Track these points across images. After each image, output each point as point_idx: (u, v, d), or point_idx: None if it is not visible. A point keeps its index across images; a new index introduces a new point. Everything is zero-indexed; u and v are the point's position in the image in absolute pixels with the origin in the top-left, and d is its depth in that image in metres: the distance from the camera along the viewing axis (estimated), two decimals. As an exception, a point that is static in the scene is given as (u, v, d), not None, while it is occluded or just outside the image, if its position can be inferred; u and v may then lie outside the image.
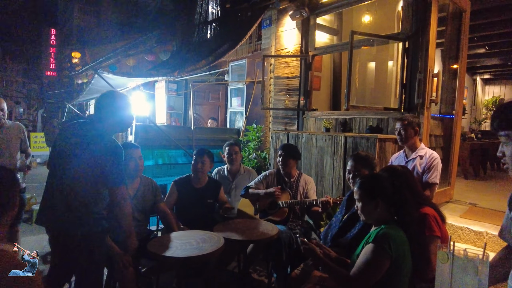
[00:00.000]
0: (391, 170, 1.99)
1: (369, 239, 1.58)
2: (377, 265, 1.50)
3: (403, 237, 1.58)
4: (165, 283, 2.85)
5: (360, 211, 1.70)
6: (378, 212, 1.64)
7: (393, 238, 1.52)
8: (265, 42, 5.28)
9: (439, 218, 1.84)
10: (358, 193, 1.70)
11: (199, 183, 3.04)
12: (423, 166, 2.73)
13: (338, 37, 5.43)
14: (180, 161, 4.60)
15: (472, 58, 8.79)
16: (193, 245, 2.17)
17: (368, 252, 1.52)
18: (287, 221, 2.95)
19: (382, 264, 1.49)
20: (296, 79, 4.78)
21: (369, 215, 1.67)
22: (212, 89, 8.40)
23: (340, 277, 1.60)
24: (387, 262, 1.49)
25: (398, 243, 1.52)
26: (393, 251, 1.48)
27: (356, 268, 1.54)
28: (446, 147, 4.15)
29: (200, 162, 2.98)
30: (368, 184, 1.69)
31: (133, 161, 2.56)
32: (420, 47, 3.44)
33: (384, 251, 1.48)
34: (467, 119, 11.12)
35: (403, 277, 1.55)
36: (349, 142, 3.37)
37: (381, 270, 1.49)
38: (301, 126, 4.67)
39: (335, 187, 3.48)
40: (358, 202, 1.71)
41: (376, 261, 1.50)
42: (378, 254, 1.50)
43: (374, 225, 1.69)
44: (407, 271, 1.57)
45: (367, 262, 1.51)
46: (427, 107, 3.39)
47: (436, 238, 1.74)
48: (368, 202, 1.65)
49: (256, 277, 3.20)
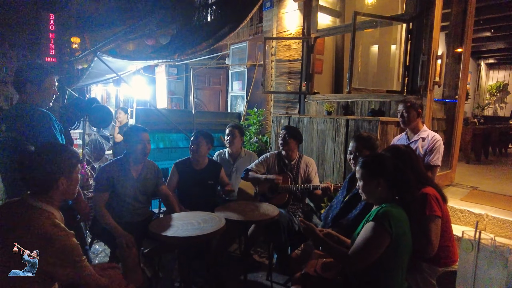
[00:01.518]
0: (394, 149, 1.98)
1: (370, 217, 1.58)
2: (376, 242, 1.50)
3: (403, 215, 1.58)
4: (167, 264, 2.89)
5: (361, 190, 1.70)
6: (380, 191, 1.64)
7: (393, 216, 1.52)
8: (267, 24, 5.19)
9: (440, 198, 1.84)
10: (360, 172, 1.69)
11: (198, 165, 3.04)
12: (425, 148, 2.72)
13: (341, 19, 5.32)
14: (181, 145, 4.60)
15: (477, 42, 8.65)
16: (194, 226, 2.18)
17: (368, 230, 1.53)
18: (287, 204, 2.96)
19: (382, 241, 1.50)
20: (298, 62, 4.71)
21: (370, 194, 1.67)
22: (213, 74, 8.33)
23: (339, 255, 1.62)
24: (387, 239, 1.49)
25: (398, 221, 1.52)
26: (393, 229, 1.48)
27: (356, 245, 1.55)
28: (448, 130, 4.13)
29: (195, 144, 2.98)
30: (370, 163, 1.68)
31: (141, 144, 2.56)
32: (424, 28, 3.38)
33: (384, 228, 1.49)
34: (470, 104, 11.02)
35: (403, 255, 1.56)
36: (350, 125, 3.35)
37: (380, 247, 1.50)
38: (303, 109, 4.64)
39: (336, 170, 3.48)
40: (359, 181, 1.70)
41: (375, 239, 1.50)
42: (377, 231, 1.50)
43: (375, 204, 1.68)
44: (408, 249, 1.57)
45: (367, 239, 1.52)
46: (430, 89, 3.35)
47: (436, 218, 1.75)
48: (370, 181, 1.65)
49: (258, 258, 3.24)
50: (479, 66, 11.52)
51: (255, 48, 6.41)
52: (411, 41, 3.48)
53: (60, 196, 1.46)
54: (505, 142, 7.40)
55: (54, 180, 1.41)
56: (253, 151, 4.33)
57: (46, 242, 1.25)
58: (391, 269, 1.54)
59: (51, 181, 1.40)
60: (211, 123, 4.99)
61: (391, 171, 1.64)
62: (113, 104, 10.17)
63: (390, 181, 1.63)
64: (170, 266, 2.88)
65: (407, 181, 1.67)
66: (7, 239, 1.23)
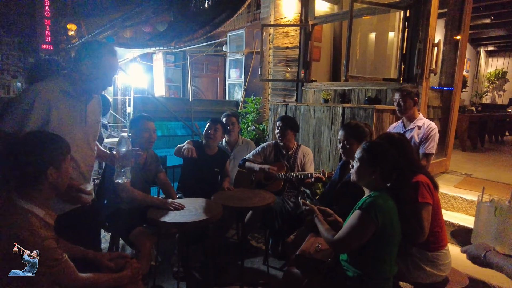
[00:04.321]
0: (388, 137, 1.99)
1: (357, 206, 1.63)
2: (360, 230, 1.55)
3: (391, 204, 1.62)
4: (166, 250, 2.96)
5: (355, 171, 1.71)
6: (372, 179, 1.66)
7: (380, 206, 1.56)
8: (264, 11, 5.15)
9: (432, 185, 1.88)
10: (360, 155, 1.69)
11: (210, 151, 3.09)
12: (420, 136, 2.75)
13: (338, 6, 5.29)
14: (179, 133, 4.62)
15: (476, 29, 8.58)
16: (192, 212, 2.23)
17: (354, 218, 1.58)
18: (282, 191, 3.01)
19: (366, 230, 1.55)
20: (295, 50, 4.70)
21: (362, 178, 1.69)
22: (210, 61, 8.29)
23: (326, 238, 1.68)
24: (372, 228, 1.54)
25: (385, 212, 1.57)
26: (379, 219, 1.53)
27: (341, 231, 1.61)
28: (444, 118, 4.16)
29: (214, 128, 3.02)
30: (373, 150, 1.68)
31: (147, 132, 2.59)
32: (421, 16, 3.37)
33: (369, 218, 1.53)
34: (468, 92, 11.01)
35: (391, 243, 1.60)
36: (347, 113, 3.38)
37: (364, 235, 1.55)
38: (300, 97, 4.65)
39: (332, 158, 3.53)
40: (356, 162, 1.71)
41: (359, 226, 1.55)
42: (362, 220, 1.55)
43: (364, 187, 1.72)
44: (396, 238, 1.62)
45: (352, 226, 1.57)
46: (426, 77, 3.36)
47: (428, 205, 1.79)
48: (367, 167, 1.66)
49: (254, 243, 3.32)
50: (478, 54, 11.46)
51: (253, 35, 6.37)
52: (408, 28, 3.47)
53: (50, 189, 1.39)
54: (501, 130, 7.44)
55: (43, 170, 1.33)
56: (250, 139, 4.36)
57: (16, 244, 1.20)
58: (379, 256, 1.59)
59: (39, 172, 1.33)
60: (208, 111, 4.99)
61: (390, 163, 1.65)
62: (110, 92, 10.12)
63: (385, 172, 1.65)
64: (169, 251, 2.95)
65: (401, 170, 1.69)
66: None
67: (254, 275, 2.76)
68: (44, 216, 1.35)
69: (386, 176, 1.66)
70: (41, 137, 1.40)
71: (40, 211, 1.34)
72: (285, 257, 2.91)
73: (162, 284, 2.54)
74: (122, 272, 1.53)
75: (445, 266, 1.82)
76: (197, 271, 2.78)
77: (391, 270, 1.65)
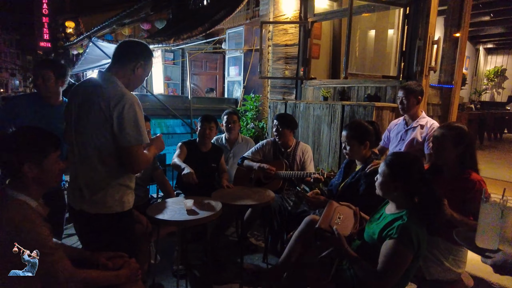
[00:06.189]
0: (458, 128, 1.86)
1: (392, 233, 1.50)
2: (400, 261, 1.46)
3: (422, 229, 1.53)
4: (166, 248, 2.96)
5: (378, 186, 1.66)
6: (396, 195, 1.59)
7: (414, 230, 1.47)
8: (263, 8, 5.13)
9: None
10: (382, 168, 1.64)
11: (204, 147, 3.12)
12: (423, 136, 2.69)
13: (338, 3, 5.27)
14: (178, 131, 4.62)
15: (475, 26, 8.56)
16: (191, 210, 2.22)
17: (390, 249, 1.47)
18: (282, 190, 3.01)
19: (406, 258, 1.46)
20: (294, 47, 4.69)
21: (386, 194, 1.63)
22: (209, 59, 8.26)
23: (366, 277, 1.54)
24: (410, 256, 1.46)
25: (419, 234, 1.48)
26: (414, 244, 1.45)
27: (380, 266, 1.48)
28: (444, 116, 4.16)
29: (209, 128, 3.04)
30: (395, 163, 1.60)
31: None
32: (421, 13, 3.36)
33: (405, 246, 1.44)
34: (467, 89, 11.00)
35: (419, 262, 1.56)
36: (346, 111, 3.37)
37: (404, 265, 1.46)
38: (300, 95, 4.64)
39: (331, 156, 3.52)
40: (380, 176, 1.65)
41: (398, 257, 1.45)
42: (400, 251, 1.45)
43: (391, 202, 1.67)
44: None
45: (389, 259, 1.46)
46: (425, 75, 3.36)
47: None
48: (388, 181, 1.59)
49: (254, 241, 3.32)
50: (478, 51, 11.45)
51: (252, 32, 6.34)
52: (408, 26, 3.46)
53: (36, 184, 1.37)
54: (500, 128, 7.46)
55: (18, 166, 1.31)
56: (249, 136, 4.36)
57: (12, 232, 1.22)
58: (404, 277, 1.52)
59: (16, 167, 1.32)
60: (207, 109, 4.99)
61: (414, 179, 1.55)
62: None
63: (409, 189, 1.56)
64: (169, 249, 2.94)
65: (432, 194, 1.58)
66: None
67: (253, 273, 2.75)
68: (36, 207, 1.36)
69: (411, 193, 1.57)
70: (24, 133, 1.41)
71: (33, 202, 1.35)
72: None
73: (162, 282, 2.54)
74: (120, 270, 1.52)
75: (462, 263, 1.81)
76: (197, 269, 2.78)
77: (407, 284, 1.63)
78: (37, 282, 1.27)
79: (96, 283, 1.41)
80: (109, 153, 1.60)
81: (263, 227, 3.18)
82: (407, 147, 2.71)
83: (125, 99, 1.55)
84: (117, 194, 1.68)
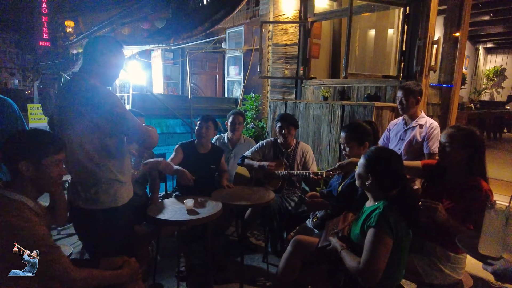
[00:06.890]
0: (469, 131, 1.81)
1: (370, 222, 1.54)
2: (380, 247, 1.48)
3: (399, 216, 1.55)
4: (166, 248, 2.96)
5: (356, 177, 1.72)
6: (368, 186, 1.64)
7: (392, 218, 1.50)
8: (263, 8, 5.12)
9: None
10: (360, 160, 1.69)
11: (203, 149, 3.07)
12: (422, 135, 2.69)
13: (338, 3, 5.27)
14: (178, 131, 4.62)
15: (475, 26, 8.57)
16: (191, 209, 2.23)
17: (371, 236, 1.51)
18: (281, 189, 3.01)
19: (387, 245, 1.48)
20: (294, 47, 4.69)
21: (362, 185, 1.68)
22: (209, 58, 8.25)
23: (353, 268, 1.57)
24: (390, 242, 1.49)
25: (398, 222, 1.51)
26: (393, 232, 1.48)
27: (364, 255, 1.52)
28: (443, 115, 4.16)
29: (205, 127, 3.00)
30: (370, 156, 1.66)
31: None
32: (421, 13, 3.36)
33: (384, 232, 1.47)
34: (467, 89, 11.00)
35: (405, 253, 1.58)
36: (346, 110, 3.38)
37: (387, 251, 1.49)
38: (299, 95, 4.64)
39: (331, 155, 3.53)
40: (357, 167, 1.70)
41: (379, 244, 1.48)
42: (379, 237, 1.48)
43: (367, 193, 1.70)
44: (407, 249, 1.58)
45: (372, 246, 1.49)
46: (425, 74, 3.36)
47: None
48: (363, 173, 1.65)
49: (254, 241, 3.32)
50: (477, 51, 11.45)
51: (252, 32, 6.34)
52: (408, 25, 3.46)
53: (31, 185, 1.37)
54: (500, 127, 7.46)
55: (14, 163, 1.33)
56: (249, 136, 4.36)
57: (9, 232, 1.21)
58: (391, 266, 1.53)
59: (12, 165, 1.34)
60: (207, 108, 4.98)
61: (385, 173, 1.60)
62: (109, 90, 10.03)
63: (377, 181, 1.60)
64: (169, 249, 2.95)
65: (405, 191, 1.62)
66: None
67: (253, 272, 2.76)
68: (33, 206, 1.36)
69: (382, 187, 1.60)
70: (28, 133, 1.46)
71: (30, 202, 1.36)
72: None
73: (162, 282, 2.54)
74: (120, 270, 1.52)
75: (461, 270, 1.81)
76: (197, 269, 2.78)
77: (400, 277, 1.63)
78: (36, 282, 1.27)
79: (96, 282, 1.42)
80: (95, 149, 1.64)
81: (263, 227, 3.19)
82: (406, 147, 2.71)
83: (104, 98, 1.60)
84: (111, 189, 1.72)
